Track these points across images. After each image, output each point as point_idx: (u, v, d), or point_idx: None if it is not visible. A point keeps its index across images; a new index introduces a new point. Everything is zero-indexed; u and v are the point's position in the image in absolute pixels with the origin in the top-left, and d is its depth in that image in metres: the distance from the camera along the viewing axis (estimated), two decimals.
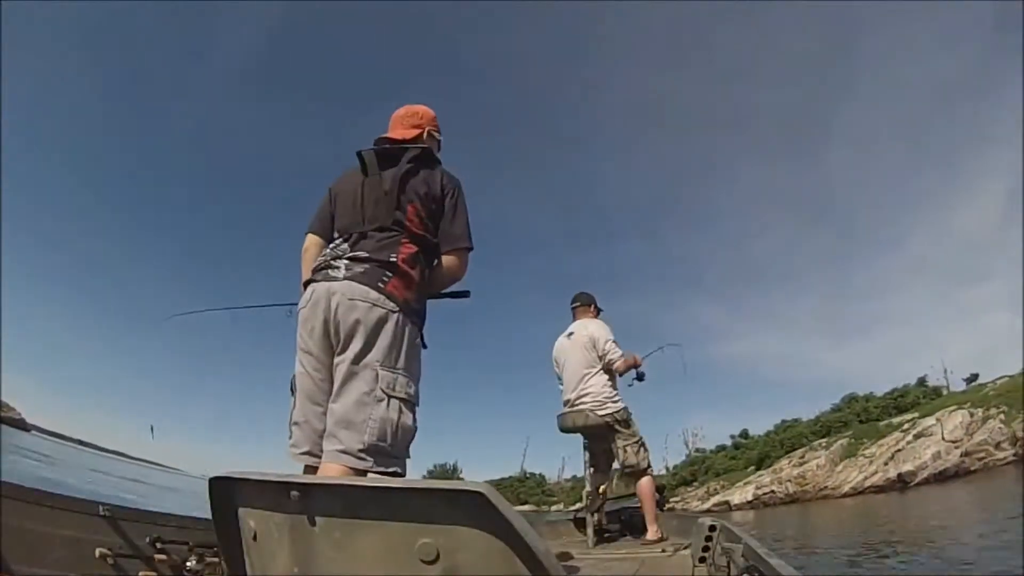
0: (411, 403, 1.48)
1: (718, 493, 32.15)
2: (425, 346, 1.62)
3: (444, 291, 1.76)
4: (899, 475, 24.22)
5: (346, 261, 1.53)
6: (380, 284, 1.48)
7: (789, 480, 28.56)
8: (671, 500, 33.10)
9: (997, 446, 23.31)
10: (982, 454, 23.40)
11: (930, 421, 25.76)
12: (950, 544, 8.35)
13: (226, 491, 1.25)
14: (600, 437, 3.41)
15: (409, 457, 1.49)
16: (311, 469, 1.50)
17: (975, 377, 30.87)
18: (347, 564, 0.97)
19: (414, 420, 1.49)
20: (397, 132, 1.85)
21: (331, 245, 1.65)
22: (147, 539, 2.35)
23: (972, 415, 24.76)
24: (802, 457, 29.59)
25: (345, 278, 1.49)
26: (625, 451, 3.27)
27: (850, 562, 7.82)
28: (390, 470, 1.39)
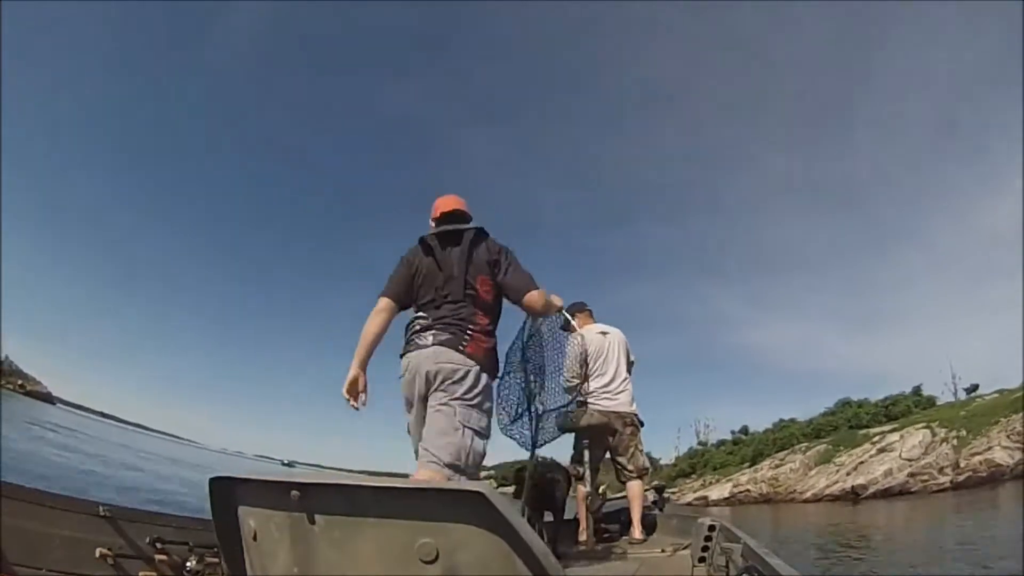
0: (483, 434, 1.86)
1: (707, 487, 32.91)
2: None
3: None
4: (852, 487, 24.83)
5: (434, 332, 1.91)
6: (461, 347, 1.88)
7: (763, 481, 29.31)
8: (669, 491, 34.10)
9: (940, 471, 23.65)
10: (925, 477, 23.79)
11: (895, 437, 26.10)
12: (898, 550, 9.29)
13: (226, 491, 1.25)
14: (602, 438, 3.42)
15: (479, 476, 1.89)
16: None
17: (975, 388, 30.85)
18: (347, 564, 0.98)
19: (484, 446, 1.86)
20: (456, 203, 2.21)
21: (416, 317, 2.02)
22: (147, 539, 2.35)
23: (934, 435, 25.01)
24: (782, 459, 30.14)
25: (432, 344, 1.87)
26: (640, 454, 3.43)
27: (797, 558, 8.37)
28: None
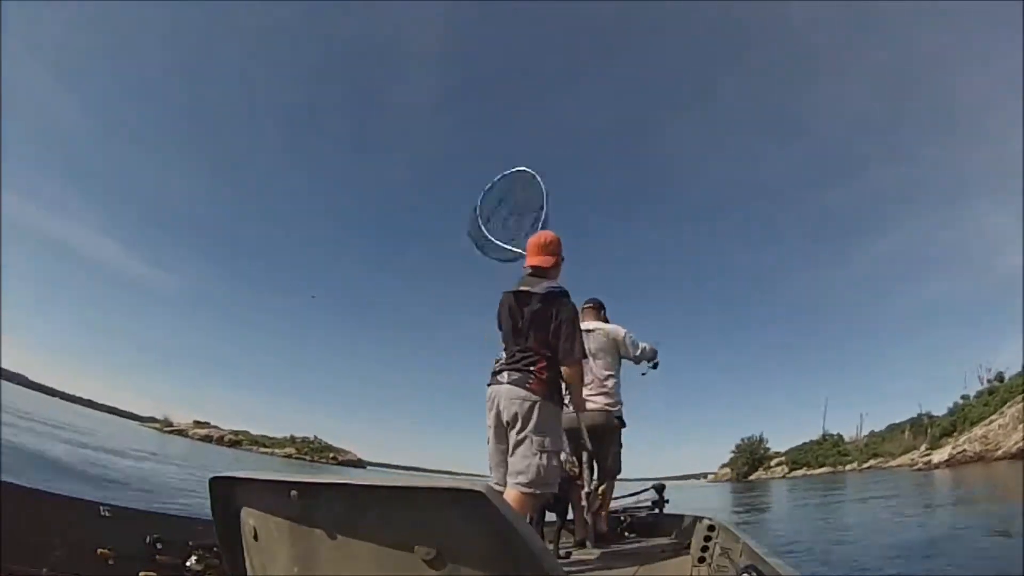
0: (555, 453, 2.36)
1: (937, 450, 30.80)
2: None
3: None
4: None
5: (507, 372, 2.43)
6: (527, 386, 2.38)
7: (976, 439, 26.81)
8: (935, 451, 31.11)
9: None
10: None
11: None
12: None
13: (227, 491, 1.26)
14: (601, 438, 3.41)
15: (554, 487, 2.38)
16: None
17: (1001, 377, 29.45)
18: (347, 563, 0.98)
19: (559, 462, 2.42)
20: (537, 260, 2.62)
21: (496, 360, 2.56)
22: (147, 539, 2.35)
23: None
24: (1004, 413, 26.72)
25: (507, 383, 2.40)
26: (615, 456, 3.39)
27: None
28: (546, 492, 2.34)
